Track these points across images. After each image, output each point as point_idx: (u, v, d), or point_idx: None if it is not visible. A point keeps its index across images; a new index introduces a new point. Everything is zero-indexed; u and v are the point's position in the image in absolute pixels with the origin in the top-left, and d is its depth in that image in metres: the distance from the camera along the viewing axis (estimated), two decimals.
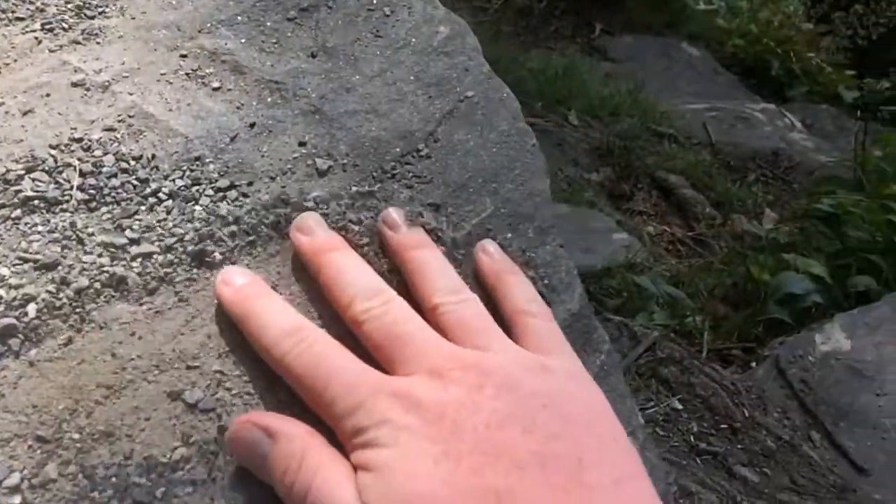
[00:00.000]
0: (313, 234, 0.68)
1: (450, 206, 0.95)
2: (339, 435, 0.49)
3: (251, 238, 0.89)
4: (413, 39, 1.09)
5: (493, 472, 0.43)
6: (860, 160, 3.19)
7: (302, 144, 1.02)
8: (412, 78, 1.12)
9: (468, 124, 1.07)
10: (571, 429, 0.47)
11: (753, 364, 2.25)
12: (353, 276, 0.58)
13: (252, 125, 0.98)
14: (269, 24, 1.05)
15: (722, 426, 1.81)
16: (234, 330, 0.64)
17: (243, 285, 0.61)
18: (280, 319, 0.55)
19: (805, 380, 2.18)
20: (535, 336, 0.58)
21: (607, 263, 2.84)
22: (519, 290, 0.64)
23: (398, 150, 1.00)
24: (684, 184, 3.86)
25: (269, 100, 1.00)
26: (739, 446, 1.79)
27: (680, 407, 1.82)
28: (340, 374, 0.50)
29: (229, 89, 1.01)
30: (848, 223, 2.72)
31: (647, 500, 0.47)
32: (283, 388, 0.61)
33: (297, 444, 0.47)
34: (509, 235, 0.93)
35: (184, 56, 1.00)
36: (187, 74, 1.00)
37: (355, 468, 0.46)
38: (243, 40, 1.00)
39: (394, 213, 0.69)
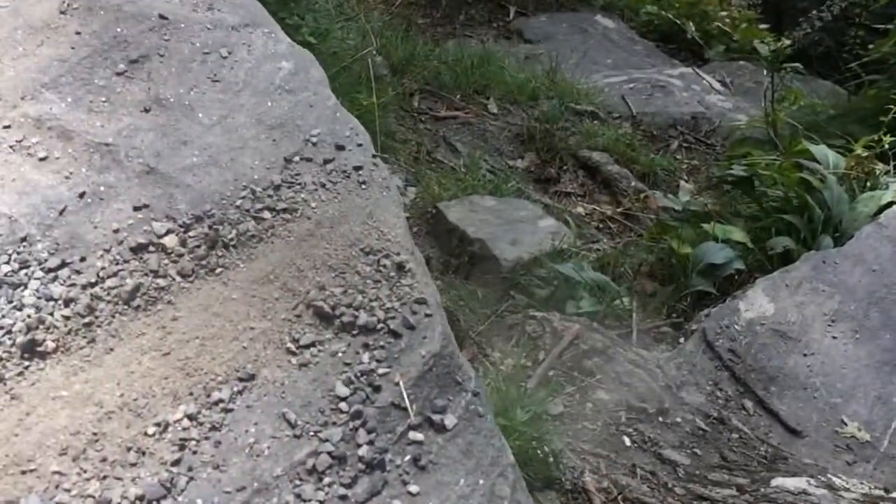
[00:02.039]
0: None
1: (297, 264, 0.91)
2: None
3: (87, 319, 0.84)
4: (253, 80, 1.05)
5: None
6: (771, 119, 3.23)
7: (137, 209, 0.97)
8: (254, 121, 1.08)
9: (315, 165, 1.04)
10: None
11: (682, 340, 2.26)
12: None
13: (82, 195, 0.92)
14: (97, 81, 0.99)
15: (650, 411, 1.82)
16: (73, 420, 0.61)
17: None
18: None
19: (733, 349, 2.20)
20: None
21: (535, 253, 2.83)
22: None
23: (240, 203, 0.96)
24: (608, 160, 3.86)
25: (99, 164, 0.95)
26: (668, 429, 1.79)
27: (606, 397, 1.81)
28: None
29: (57, 158, 0.95)
30: (763, 184, 2.75)
31: None
32: (120, 484, 0.57)
33: None
34: (362, 282, 0.89)
35: (7, 127, 0.93)
36: (11, 147, 0.94)
37: None
38: (70, 101, 0.94)
39: None
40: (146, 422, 0.83)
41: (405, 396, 0.75)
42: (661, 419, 1.82)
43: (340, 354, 0.77)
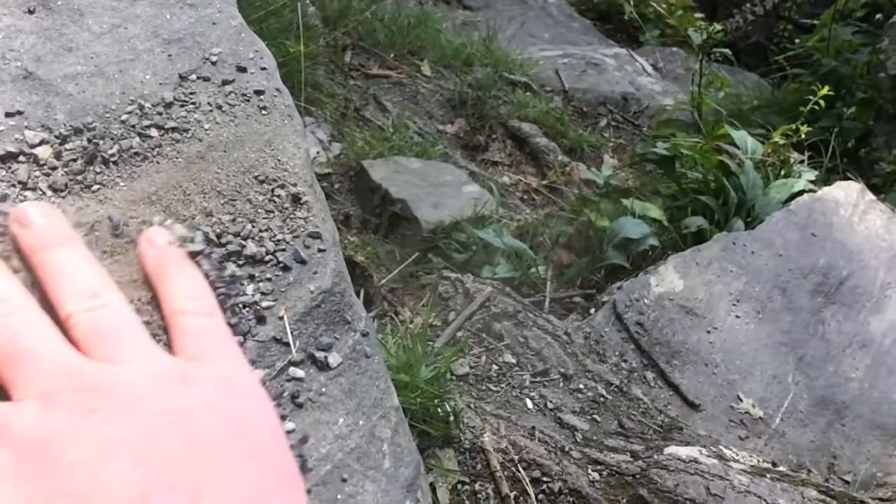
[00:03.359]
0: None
1: (183, 187, 0.85)
2: None
3: None
4: None
5: None
6: (697, 103, 3.29)
7: (10, 115, 0.89)
8: (149, 34, 1.00)
9: (213, 85, 0.97)
10: (197, 453, 0.40)
11: (593, 310, 2.28)
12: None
13: None
14: None
15: (553, 377, 1.83)
16: None
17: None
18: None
19: (640, 322, 2.23)
20: (190, 338, 0.51)
21: (456, 217, 2.81)
22: (180, 285, 0.56)
23: (125, 118, 0.90)
24: (537, 132, 3.87)
25: None
26: (571, 396, 1.81)
27: (513, 360, 1.82)
28: None
29: None
30: (683, 165, 2.79)
31: None
32: None
33: None
34: (252, 211, 0.84)
35: None
36: None
37: None
38: None
39: (27, 210, 0.60)
40: None
41: (288, 331, 0.71)
42: (564, 385, 1.83)
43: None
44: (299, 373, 0.69)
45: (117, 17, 0.95)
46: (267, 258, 0.78)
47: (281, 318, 0.73)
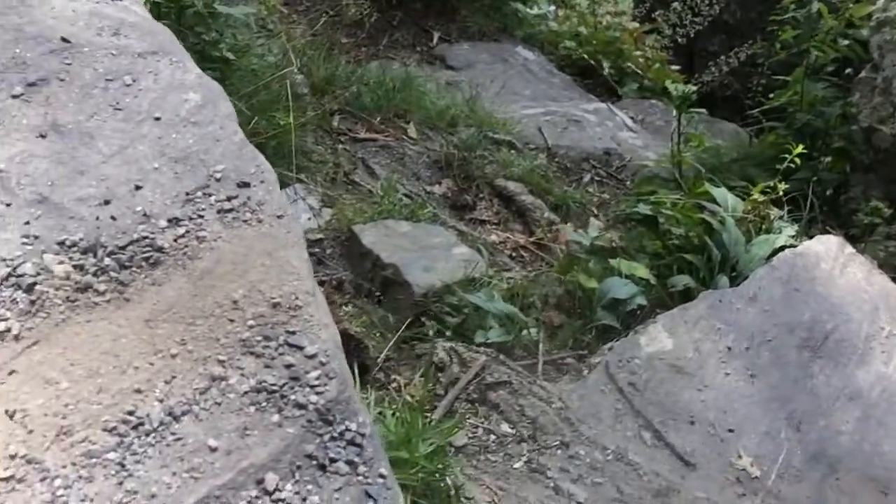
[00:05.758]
0: None
1: (187, 303, 0.88)
2: None
3: None
4: (158, 110, 1.02)
5: None
6: (676, 160, 3.38)
7: (26, 239, 0.93)
8: (156, 153, 1.06)
9: (218, 202, 1.02)
10: None
11: (586, 372, 2.32)
12: None
13: None
14: None
15: (552, 445, 1.85)
16: None
17: None
18: None
19: (633, 382, 2.27)
20: None
21: (447, 280, 2.85)
22: None
23: (136, 237, 0.94)
24: (523, 190, 3.94)
25: None
26: (569, 463, 1.83)
27: (510, 430, 1.84)
28: None
29: None
30: (667, 223, 2.86)
31: None
32: None
33: None
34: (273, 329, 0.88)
35: None
36: None
37: None
38: None
39: None
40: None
41: None
42: (560, 452, 1.85)
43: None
44: None
45: (125, 138, 1.00)
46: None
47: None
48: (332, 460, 0.77)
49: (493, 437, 1.81)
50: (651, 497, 1.83)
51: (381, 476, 0.81)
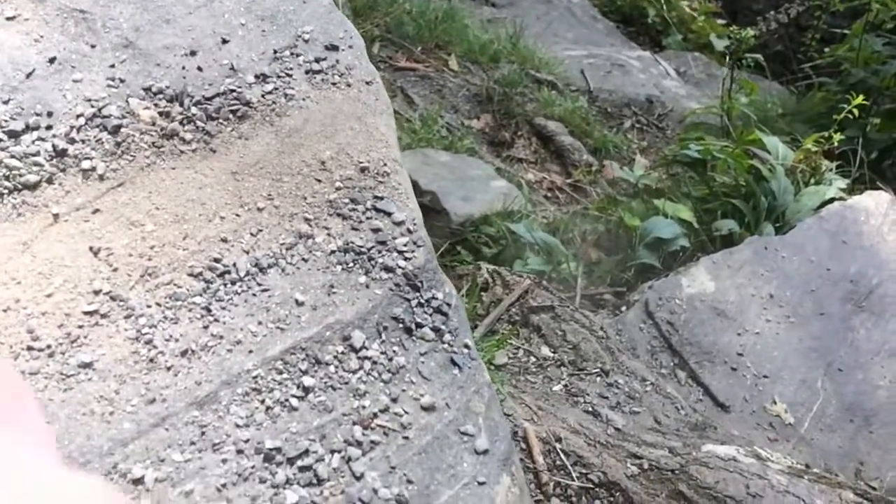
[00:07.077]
0: None
1: (274, 159, 0.86)
2: None
3: (37, 187, 0.78)
4: None
5: None
6: (726, 107, 3.29)
7: (111, 81, 0.90)
8: (243, 9, 1.02)
9: (306, 62, 0.98)
10: None
11: (624, 308, 2.29)
12: None
13: (52, 60, 0.85)
14: None
15: (592, 371, 1.84)
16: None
17: None
18: None
19: (672, 322, 2.24)
20: None
21: (485, 211, 2.82)
22: None
23: (223, 89, 0.91)
24: (563, 130, 3.87)
25: (73, 31, 0.87)
26: (608, 390, 1.82)
27: (551, 354, 1.82)
28: None
29: (26, 19, 0.87)
30: (714, 169, 2.80)
31: None
32: None
33: None
34: (360, 189, 0.85)
35: None
36: None
37: None
38: None
39: None
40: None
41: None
42: (599, 379, 1.84)
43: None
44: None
45: None
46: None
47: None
48: (419, 325, 0.75)
49: (533, 358, 1.79)
50: (689, 429, 1.81)
51: (466, 346, 0.79)
